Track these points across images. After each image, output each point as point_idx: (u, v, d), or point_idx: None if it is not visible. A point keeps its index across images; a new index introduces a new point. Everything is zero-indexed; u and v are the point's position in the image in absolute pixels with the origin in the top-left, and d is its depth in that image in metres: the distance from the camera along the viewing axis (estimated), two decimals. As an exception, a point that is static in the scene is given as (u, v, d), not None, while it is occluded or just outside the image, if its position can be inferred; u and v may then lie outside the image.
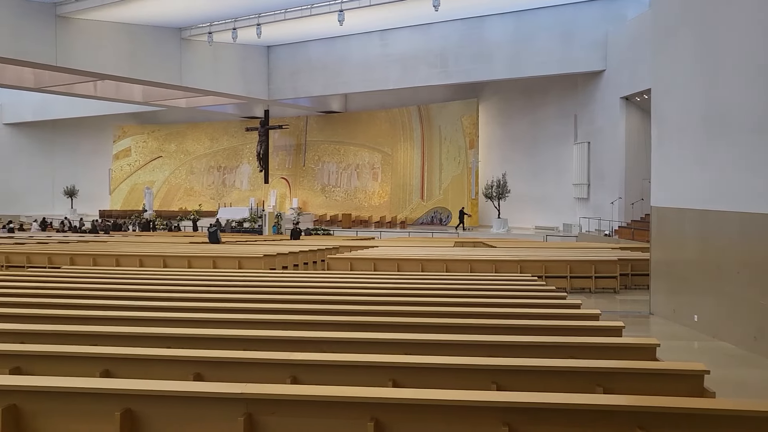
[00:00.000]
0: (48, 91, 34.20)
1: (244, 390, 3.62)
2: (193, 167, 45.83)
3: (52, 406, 3.78)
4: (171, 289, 8.75)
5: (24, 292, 8.33)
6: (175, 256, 14.89)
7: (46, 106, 43.89)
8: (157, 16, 27.97)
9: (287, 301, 7.57)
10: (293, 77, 34.26)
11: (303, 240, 24.27)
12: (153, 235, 29.62)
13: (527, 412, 3.58)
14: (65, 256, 15.17)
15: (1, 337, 5.48)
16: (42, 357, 4.78)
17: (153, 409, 3.68)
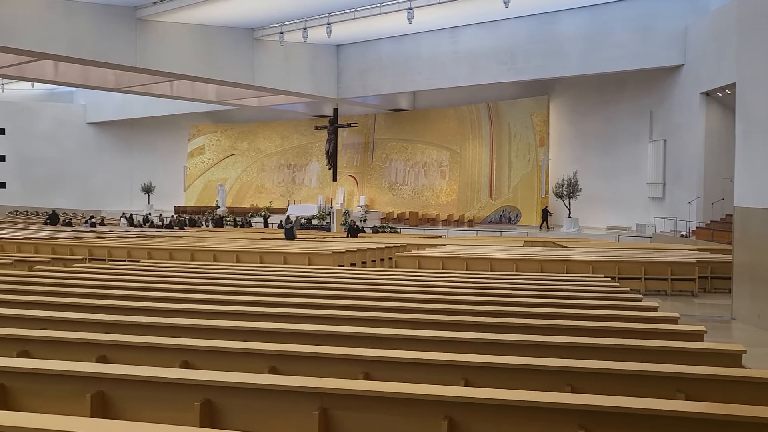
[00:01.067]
0: (128, 91, 35.61)
1: (320, 384, 3.66)
2: (264, 165, 46.80)
3: (136, 394, 3.91)
4: (245, 284, 8.97)
5: (107, 284, 8.69)
6: (248, 251, 15.23)
7: (126, 105, 45.65)
8: (230, 17, 28.67)
9: (358, 297, 7.62)
10: (362, 75, 34.50)
11: (370, 237, 24.42)
12: (225, 231, 30.42)
13: (605, 416, 3.49)
14: (143, 250, 15.74)
15: (87, 326, 5.73)
16: (125, 347, 4.97)
17: (231, 401, 3.77)
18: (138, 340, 4.98)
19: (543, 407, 3.56)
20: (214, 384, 3.74)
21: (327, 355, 4.58)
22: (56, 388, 4.01)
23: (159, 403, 3.86)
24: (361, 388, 3.66)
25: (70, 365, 4.07)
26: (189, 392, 3.77)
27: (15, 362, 4.24)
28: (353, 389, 3.63)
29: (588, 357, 4.74)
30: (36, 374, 4.06)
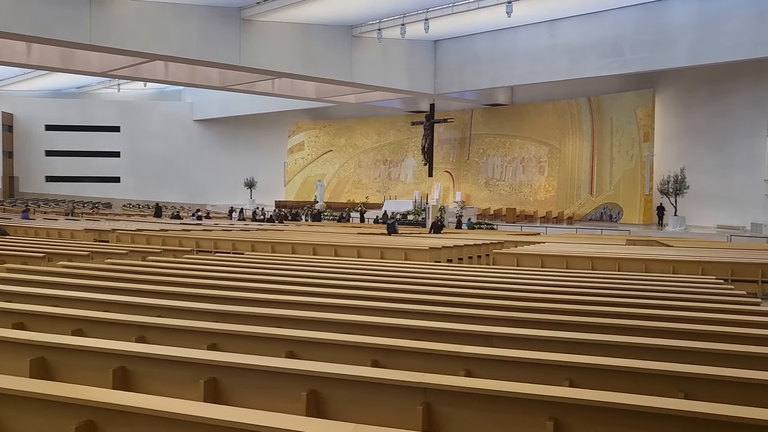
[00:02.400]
0: (231, 89, 36.99)
1: (424, 380, 3.68)
2: (360, 161, 47.42)
3: (245, 382, 4.07)
4: (344, 277, 9.13)
5: (214, 275, 9.07)
6: (346, 245, 15.49)
7: (230, 103, 47.40)
8: (329, 16, 29.19)
9: (456, 294, 7.60)
10: (459, 71, 34.26)
11: (466, 233, 24.25)
12: (323, 225, 31.06)
13: (722, 426, 3.31)
14: (247, 243, 16.31)
15: (198, 315, 6.00)
16: (234, 336, 5.17)
17: (336, 392, 3.85)
18: (246, 329, 5.17)
19: (653, 413, 3.42)
20: (320, 375, 3.83)
21: (428, 350, 4.59)
22: (172, 372, 4.23)
23: (267, 392, 4.00)
24: (465, 385, 3.64)
25: (185, 352, 4.27)
26: (296, 382, 3.88)
27: (134, 347, 4.51)
28: (457, 385, 3.62)
29: (702, 362, 4.51)
30: (153, 359, 4.30)
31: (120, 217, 33.74)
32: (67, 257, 11.59)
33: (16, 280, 8.05)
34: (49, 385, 3.48)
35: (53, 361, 4.55)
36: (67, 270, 9.35)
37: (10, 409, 3.45)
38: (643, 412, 3.43)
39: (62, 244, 14.51)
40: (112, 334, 5.26)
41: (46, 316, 5.75)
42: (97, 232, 19.02)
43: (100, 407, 3.20)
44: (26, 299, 6.64)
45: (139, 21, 24.97)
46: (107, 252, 12.78)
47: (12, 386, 3.40)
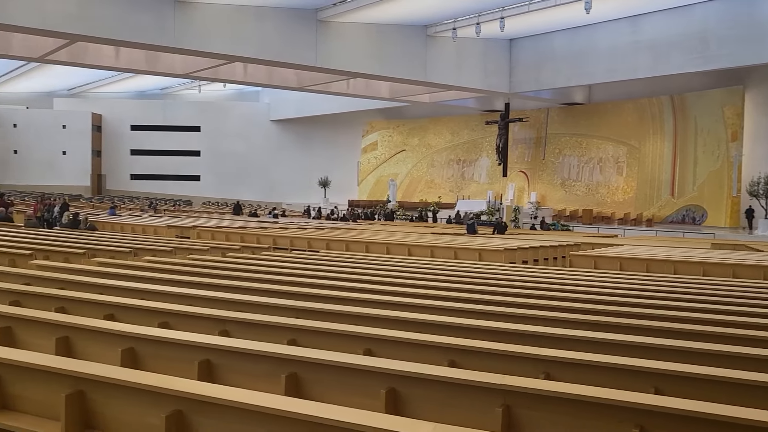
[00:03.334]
0: (308, 90, 37.61)
1: (503, 381, 3.63)
2: (434, 160, 47.33)
3: (325, 377, 4.12)
4: (417, 276, 9.13)
5: (292, 272, 9.24)
6: (419, 245, 15.49)
7: (305, 104, 48.21)
8: (404, 16, 29.26)
9: (532, 295, 7.47)
10: (535, 69, 33.69)
11: (541, 235, 23.81)
12: (396, 225, 31.16)
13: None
14: (322, 241, 16.54)
15: (278, 311, 6.12)
16: (312, 332, 5.25)
17: (414, 390, 3.84)
18: (325, 326, 5.24)
19: (751, 425, 3.26)
20: (399, 373, 3.84)
21: (507, 352, 4.53)
22: (254, 366, 4.33)
23: (346, 388, 4.04)
24: (546, 388, 3.57)
25: (267, 346, 4.37)
26: (375, 379, 3.90)
27: (218, 340, 4.64)
28: (538, 388, 3.56)
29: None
30: (236, 352, 4.41)
31: (200, 214, 34.87)
32: (152, 252, 12.05)
33: (105, 273, 8.42)
34: (140, 374, 3.63)
35: (142, 352, 4.74)
36: (152, 264, 9.71)
37: (103, 395, 3.61)
38: (738, 425, 3.28)
39: (147, 240, 15.10)
40: (196, 327, 5.43)
41: (134, 308, 5.99)
42: (179, 228, 19.72)
43: (188, 398, 3.31)
44: (115, 292, 6.94)
45: (219, 24, 25.72)
46: (189, 248, 13.21)
47: (106, 374, 3.56)
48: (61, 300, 6.34)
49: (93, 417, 3.65)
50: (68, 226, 18.98)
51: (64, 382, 3.68)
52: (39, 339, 5.11)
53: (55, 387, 3.73)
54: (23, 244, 12.09)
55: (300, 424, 3.08)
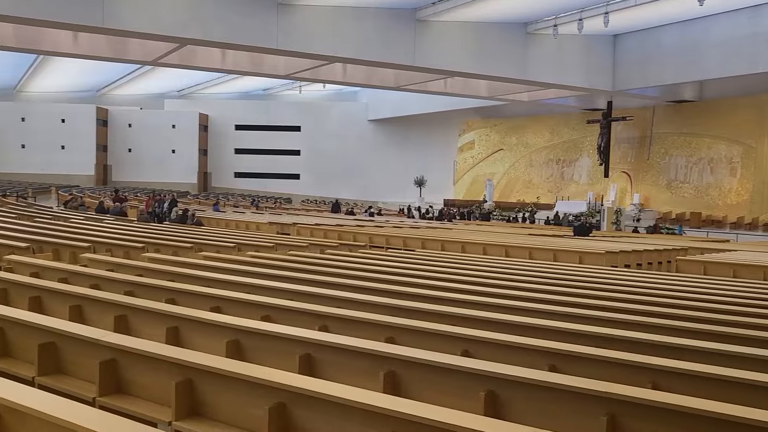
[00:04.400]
0: (405, 89, 37.75)
1: (608, 389, 3.50)
2: (532, 160, 46.39)
3: (422, 377, 4.11)
4: (515, 278, 8.97)
5: (388, 270, 9.30)
6: (517, 246, 15.22)
7: (403, 103, 48.44)
8: (503, 13, 28.82)
9: (638, 301, 7.17)
10: (641, 66, 32.30)
11: (645, 238, 22.83)
12: (492, 225, 30.78)
13: None
14: (417, 240, 16.56)
15: (375, 308, 6.17)
16: (410, 330, 5.26)
17: (513, 394, 3.77)
18: (422, 325, 5.23)
19: None
20: (498, 376, 3.78)
21: (611, 359, 4.36)
22: (353, 363, 4.38)
23: (443, 388, 4.01)
24: (656, 399, 3.41)
25: (366, 343, 4.41)
26: (473, 381, 3.86)
27: (318, 335, 4.73)
28: (646, 399, 3.40)
29: None
30: (336, 348, 4.48)
31: (299, 211, 35.77)
32: (255, 248, 12.45)
33: (211, 267, 8.78)
34: (245, 366, 3.74)
35: (246, 344, 4.90)
36: (255, 260, 10.05)
37: (210, 385, 3.76)
38: None
39: (249, 236, 15.64)
40: (297, 322, 5.56)
41: (238, 301, 6.20)
42: (280, 225, 20.29)
43: (291, 391, 3.38)
44: (221, 285, 7.21)
45: (320, 25, 26.25)
46: (289, 244, 13.57)
47: (214, 365, 3.70)
48: (171, 291, 6.65)
49: (200, 405, 3.80)
50: (177, 221, 19.94)
51: (174, 370, 3.86)
52: (151, 328, 5.39)
53: (165, 374, 3.91)
54: (136, 237, 12.79)
55: (399, 423, 3.08)
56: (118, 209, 22.59)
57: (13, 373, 4.45)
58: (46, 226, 14.78)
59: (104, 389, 4.12)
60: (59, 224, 15.80)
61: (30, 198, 33.52)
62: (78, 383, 4.41)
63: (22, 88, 53.60)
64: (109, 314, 5.64)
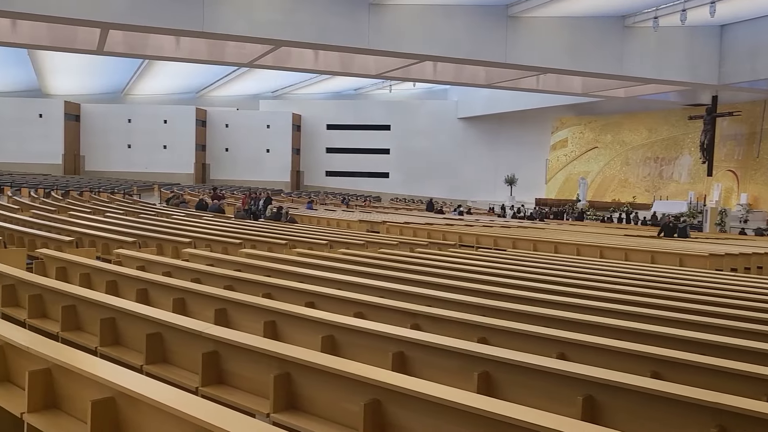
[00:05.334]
0: (496, 87, 37.26)
1: (718, 400, 3.31)
2: (628, 158, 44.78)
3: (517, 379, 4.04)
4: (610, 280, 8.67)
5: (479, 270, 9.21)
6: (611, 247, 14.73)
7: (493, 101, 47.88)
8: (599, 7, 27.93)
9: (748, 307, 6.75)
10: (751, 57, 30.45)
11: (753, 240, 21.55)
12: (586, 225, 29.93)
13: None
14: (508, 240, 16.32)
15: (466, 308, 6.12)
16: (503, 331, 5.17)
17: (613, 401, 3.64)
18: (516, 326, 5.14)
19: None
20: (597, 381, 3.65)
21: (719, 367, 4.13)
22: (446, 362, 4.36)
23: (538, 391, 3.92)
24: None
25: (459, 343, 4.37)
26: (570, 385, 3.75)
27: (411, 333, 4.73)
28: (763, 412, 3.20)
29: None
30: (428, 347, 4.47)
31: (388, 210, 36.00)
32: (346, 245, 12.63)
33: (305, 263, 8.97)
34: (341, 362, 3.79)
35: (340, 340, 4.98)
36: (346, 257, 10.19)
37: (307, 379, 3.83)
38: None
39: (340, 233, 15.87)
40: (389, 319, 5.59)
41: (332, 297, 6.30)
42: (370, 223, 20.49)
43: (386, 388, 3.40)
44: (315, 281, 7.35)
45: (410, 24, 26.31)
46: (379, 242, 13.68)
47: (311, 359, 3.77)
48: (267, 287, 6.85)
49: (297, 398, 3.88)
50: (271, 219, 20.52)
51: (273, 364, 3.96)
52: (249, 321, 5.56)
53: (264, 367, 4.02)
54: (234, 234, 13.24)
55: (494, 424, 3.03)
56: (216, 206, 23.47)
57: (124, 361, 4.71)
58: (150, 222, 15.55)
59: (206, 380, 4.29)
60: (162, 220, 16.59)
61: (135, 195, 35.38)
62: (181, 373, 4.61)
63: (129, 92, 56.65)
64: (210, 307, 5.86)
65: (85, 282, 7.20)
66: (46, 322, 5.99)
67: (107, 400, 3.28)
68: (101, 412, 3.26)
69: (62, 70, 48.71)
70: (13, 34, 24.95)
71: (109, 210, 20.00)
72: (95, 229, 12.56)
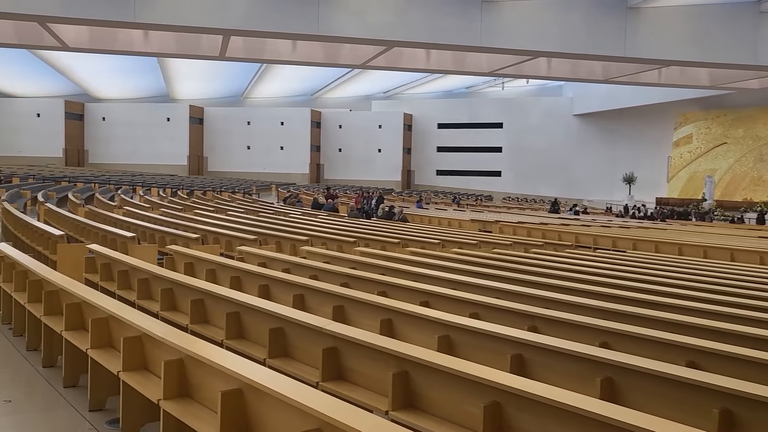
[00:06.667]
0: (614, 81, 35.80)
1: None
2: (762, 154, 41.76)
3: (643, 386, 3.86)
4: (744, 285, 8.12)
5: (598, 272, 8.88)
6: (743, 250, 13.81)
7: (611, 96, 46.11)
8: (731, -8, 26.24)
9: None
10: None
11: None
12: (713, 226, 28.21)
13: None
14: (628, 241, 15.65)
15: (585, 311, 5.92)
16: (626, 336, 4.96)
17: (755, 416, 3.40)
18: (640, 331, 4.92)
19: None
20: (736, 393, 3.42)
21: None
22: (566, 366, 4.23)
23: (668, 401, 3.73)
24: None
25: (581, 347, 4.23)
26: (704, 396, 3.54)
27: (529, 336, 4.63)
28: None
29: None
30: (548, 350, 4.35)
31: (500, 209, 35.52)
32: (458, 245, 12.57)
33: (418, 262, 9.01)
34: (460, 362, 3.77)
35: (456, 340, 4.95)
36: (459, 256, 10.13)
37: (425, 378, 3.84)
38: None
39: (452, 233, 15.82)
40: (505, 321, 5.50)
41: (446, 297, 6.28)
42: (482, 222, 20.29)
43: (506, 390, 3.34)
44: (428, 280, 7.36)
45: (525, 20, 25.79)
46: (492, 242, 13.51)
47: (429, 359, 3.77)
48: (382, 285, 6.93)
49: (415, 397, 3.90)
50: (383, 218, 20.77)
51: (391, 362, 4.00)
52: (366, 319, 5.65)
53: (383, 365, 4.07)
54: (348, 232, 13.51)
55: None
56: (330, 205, 24.06)
57: (248, 354, 4.91)
58: (269, 221, 16.16)
59: (326, 375, 4.39)
60: (280, 219, 17.20)
61: (254, 195, 36.89)
62: (302, 367, 4.74)
63: (248, 95, 59.19)
64: (328, 304, 6.01)
65: (211, 277, 7.57)
66: (176, 314, 6.35)
67: (235, 391, 3.43)
68: (230, 403, 3.42)
69: (187, 76, 51.69)
70: (146, 44, 26.68)
71: (230, 209, 20.98)
72: (218, 227, 13.21)
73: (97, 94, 56.14)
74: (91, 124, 53.84)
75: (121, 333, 4.68)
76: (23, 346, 6.54)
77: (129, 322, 4.56)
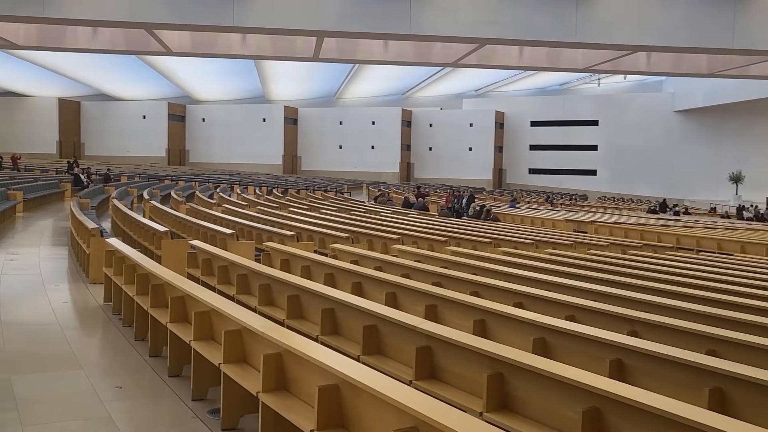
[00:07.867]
0: (720, 75, 33.98)
1: None
2: None
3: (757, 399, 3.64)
4: None
5: (701, 275, 8.46)
6: None
7: (717, 91, 43.81)
8: None
9: None
10: None
11: None
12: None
13: None
14: (735, 243, 14.84)
15: (692, 316, 5.64)
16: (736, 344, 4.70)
17: None
18: (750, 339, 4.64)
19: None
20: None
21: None
22: (670, 373, 4.05)
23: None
24: None
25: (685, 354, 4.04)
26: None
27: (629, 340, 4.46)
28: None
29: None
30: (649, 356, 4.18)
31: (595, 209, 34.46)
32: (552, 245, 12.29)
33: (511, 262, 8.87)
34: (557, 366, 3.68)
35: (552, 342, 4.84)
36: (554, 257, 9.90)
37: (520, 381, 3.77)
38: None
39: (545, 233, 15.48)
40: (603, 324, 5.32)
41: (541, 299, 6.15)
42: (576, 222, 19.76)
43: (606, 396, 3.23)
44: (522, 281, 7.23)
45: (623, 14, 24.87)
46: (588, 243, 13.13)
47: (525, 361, 3.70)
48: (474, 284, 6.87)
49: (510, 399, 3.84)
50: (474, 217, 20.60)
51: (485, 363, 3.95)
52: (458, 319, 5.61)
53: (476, 366, 4.03)
54: (438, 231, 13.48)
55: (729, 445, 2.76)
56: (421, 204, 24.10)
57: (343, 350, 4.98)
58: (361, 219, 16.36)
59: (420, 373, 4.39)
60: (371, 217, 17.38)
61: (346, 193, 37.45)
62: (395, 365, 4.77)
63: (341, 95, 60.14)
64: (420, 303, 6.01)
65: (305, 274, 7.74)
66: (273, 309, 6.53)
67: (332, 386, 3.49)
68: (327, 398, 3.48)
69: (282, 78, 53.10)
70: (243, 47, 27.59)
71: (323, 207, 21.39)
72: (312, 224, 13.49)
73: (197, 96, 58.65)
74: (191, 124, 56.30)
75: (221, 326, 4.85)
76: (131, 335, 6.91)
77: (230, 315, 4.73)
